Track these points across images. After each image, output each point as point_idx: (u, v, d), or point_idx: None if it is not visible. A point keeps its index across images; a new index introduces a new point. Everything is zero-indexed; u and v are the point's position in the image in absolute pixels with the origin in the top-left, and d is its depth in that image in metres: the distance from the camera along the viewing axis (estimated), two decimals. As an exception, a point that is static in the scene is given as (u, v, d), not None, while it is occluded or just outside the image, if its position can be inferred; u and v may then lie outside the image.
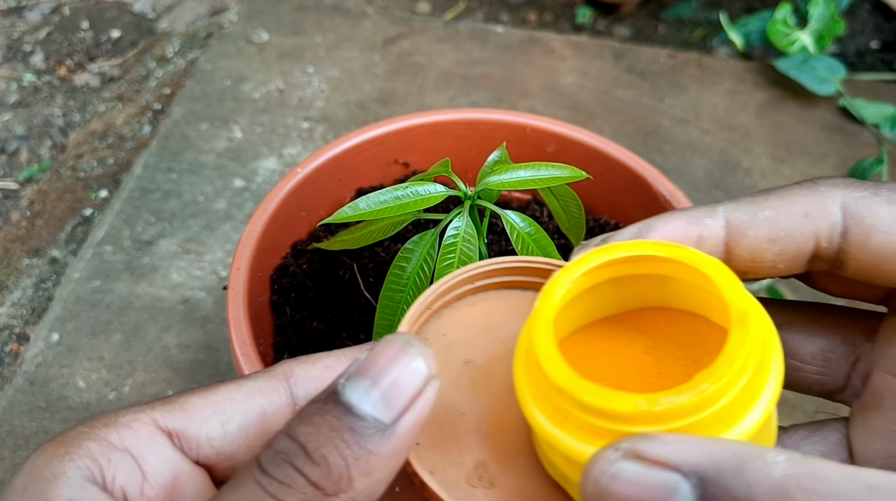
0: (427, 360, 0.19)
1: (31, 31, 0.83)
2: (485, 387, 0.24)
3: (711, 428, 0.17)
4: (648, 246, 0.21)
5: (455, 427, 0.23)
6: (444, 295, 0.25)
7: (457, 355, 0.25)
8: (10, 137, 0.72)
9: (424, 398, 0.18)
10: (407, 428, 0.18)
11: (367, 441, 0.18)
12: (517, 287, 0.26)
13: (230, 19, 0.83)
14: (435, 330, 0.25)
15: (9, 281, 0.60)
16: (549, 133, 0.46)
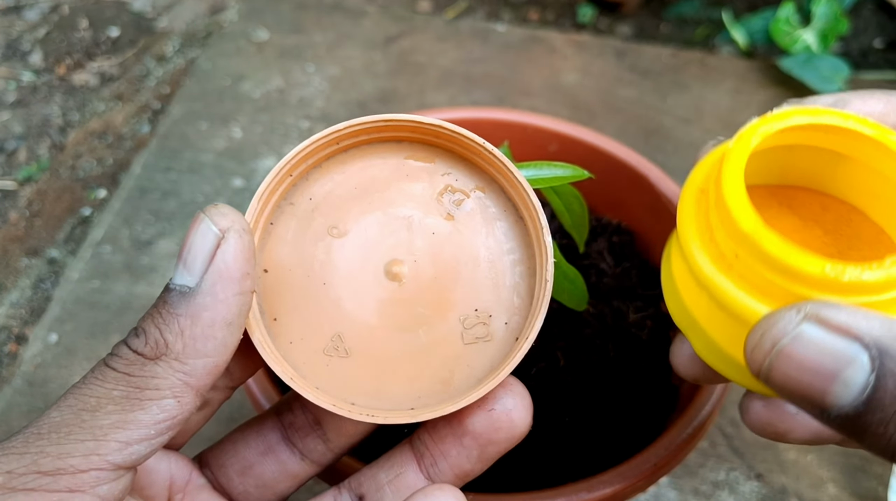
0: (215, 218, 0.20)
1: (29, 30, 0.83)
2: (348, 254, 0.24)
3: (890, 309, 0.17)
4: (854, 118, 0.19)
5: (317, 296, 0.24)
6: (309, 157, 0.25)
7: (322, 220, 0.25)
8: (8, 137, 0.71)
9: (221, 253, 0.20)
10: (210, 285, 0.20)
11: (174, 306, 0.20)
12: (384, 142, 0.26)
13: (230, 18, 0.82)
14: (301, 194, 0.25)
15: (7, 282, 0.59)
16: (550, 132, 0.46)
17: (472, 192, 0.25)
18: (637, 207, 0.45)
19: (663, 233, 0.44)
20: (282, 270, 0.24)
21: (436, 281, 0.24)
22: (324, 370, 0.23)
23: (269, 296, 0.24)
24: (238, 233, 0.20)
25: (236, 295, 0.20)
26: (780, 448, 0.48)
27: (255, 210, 0.24)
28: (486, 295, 0.24)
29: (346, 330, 0.23)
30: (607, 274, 0.43)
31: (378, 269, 0.24)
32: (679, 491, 0.46)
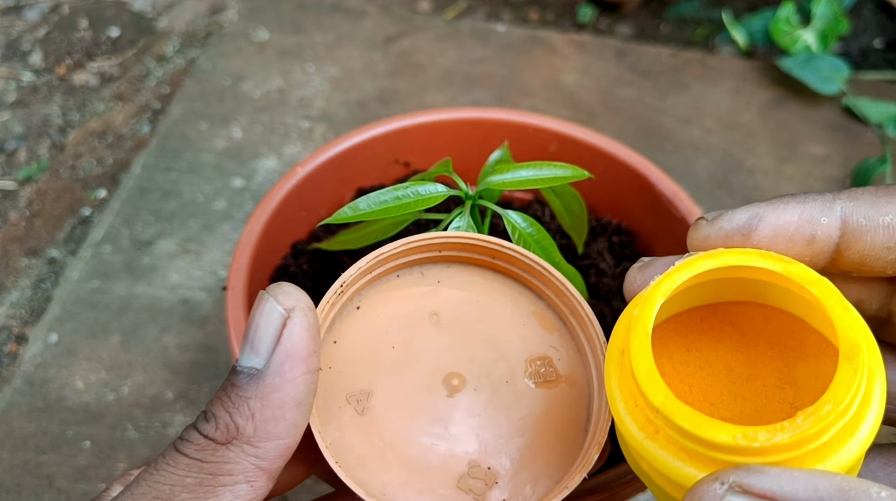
0: (280, 298, 0.20)
1: (29, 30, 0.83)
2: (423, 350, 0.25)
3: (807, 461, 0.17)
4: (758, 257, 0.20)
5: (380, 354, 0.24)
6: (416, 252, 0.26)
7: (424, 306, 0.26)
8: (8, 137, 0.71)
9: (288, 332, 0.20)
10: (277, 366, 0.20)
11: (243, 389, 0.20)
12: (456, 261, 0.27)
13: (230, 18, 0.82)
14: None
15: (7, 282, 0.59)
16: (550, 132, 0.46)
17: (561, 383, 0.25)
18: (637, 207, 0.45)
19: (663, 233, 0.44)
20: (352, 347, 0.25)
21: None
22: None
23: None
24: (303, 312, 0.20)
25: (304, 374, 0.20)
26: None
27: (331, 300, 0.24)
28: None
29: (380, 391, 0.24)
30: (607, 274, 0.43)
31: (439, 375, 0.24)
32: (679, 491, 0.46)
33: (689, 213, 0.42)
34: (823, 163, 0.67)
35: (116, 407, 0.50)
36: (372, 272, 0.25)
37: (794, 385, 0.21)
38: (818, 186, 0.65)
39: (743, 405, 0.20)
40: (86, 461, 0.47)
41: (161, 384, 0.51)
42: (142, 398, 0.50)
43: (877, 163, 0.64)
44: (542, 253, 0.32)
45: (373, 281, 0.26)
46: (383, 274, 0.26)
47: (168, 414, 0.49)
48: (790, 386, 0.21)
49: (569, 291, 0.26)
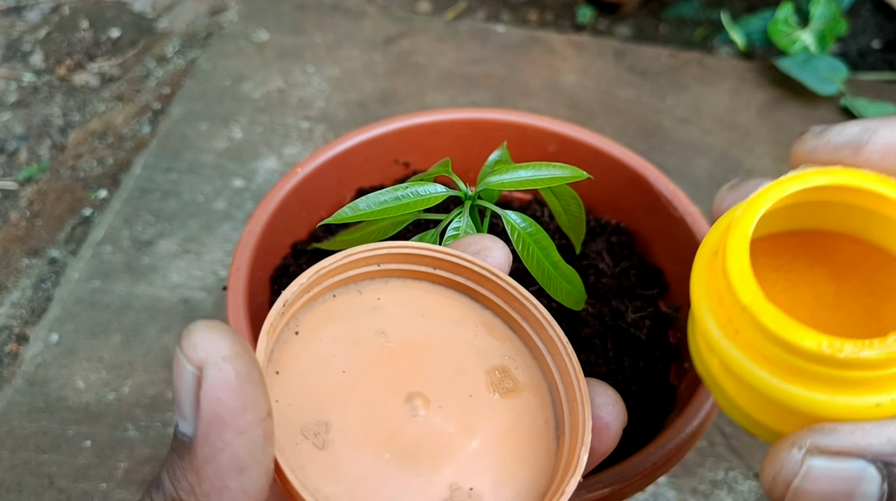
0: (188, 352, 0.17)
1: (30, 31, 0.83)
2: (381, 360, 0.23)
3: (887, 386, 0.17)
4: (875, 180, 0.19)
5: (330, 380, 0.22)
6: (351, 267, 0.24)
7: (373, 323, 0.24)
8: (9, 137, 0.71)
9: (204, 394, 0.17)
10: (203, 435, 0.17)
11: (180, 458, 0.18)
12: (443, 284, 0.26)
13: (230, 18, 0.83)
14: (363, 293, 0.25)
15: (8, 282, 0.59)
16: (550, 132, 0.46)
17: (523, 393, 0.24)
18: (636, 207, 0.45)
19: (662, 232, 0.44)
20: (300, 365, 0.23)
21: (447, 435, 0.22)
22: (294, 450, 0.21)
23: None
24: (216, 365, 0.17)
25: (238, 435, 0.17)
26: (779, 447, 0.49)
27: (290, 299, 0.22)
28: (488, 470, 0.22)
29: (339, 423, 0.21)
30: (606, 274, 0.43)
31: (399, 396, 0.23)
32: (678, 491, 0.47)
33: (688, 213, 0.42)
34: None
35: (117, 407, 0.50)
36: (310, 291, 0.23)
37: (882, 323, 0.21)
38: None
39: (824, 331, 0.19)
40: (86, 460, 0.47)
41: (161, 383, 0.51)
42: (142, 397, 0.50)
43: (875, 164, 0.64)
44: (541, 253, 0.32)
45: (308, 304, 0.24)
46: (319, 294, 0.24)
47: (168, 413, 0.49)
48: (877, 323, 0.21)
49: (521, 295, 0.24)
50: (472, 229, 0.32)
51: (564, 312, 0.41)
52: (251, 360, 0.18)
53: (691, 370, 0.39)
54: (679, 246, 0.42)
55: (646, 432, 0.38)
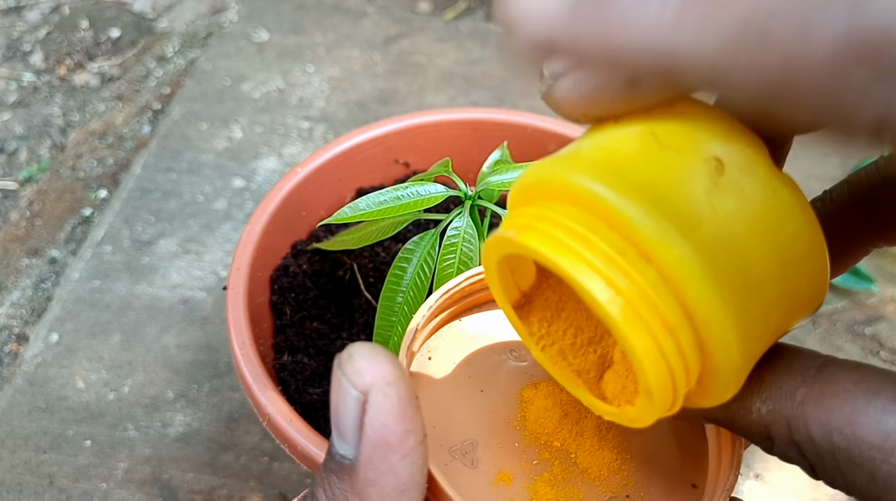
0: (353, 378, 0.17)
1: (30, 31, 0.83)
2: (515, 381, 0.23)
3: None
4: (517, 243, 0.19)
5: (470, 401, 0.23)
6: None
7: (499, 345, 0.24)
8: (9, 137, 0.72)
9: (370, 421, 0.17)
10: (367, 458, 0.17)
11: (340, 478, 0.18)
12: None
13: (230, 18, 0.83)
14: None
15: (8, 282, 0.60)
16: (550, 132, 0.46)
17: None
18: (636, 207, 0.45)
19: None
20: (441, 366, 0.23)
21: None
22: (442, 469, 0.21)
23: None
24: (382, 391, 0.17)
25: (400, 459, 0.18)
26: (778, 447, 0.49)
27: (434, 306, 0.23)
28: None
29: (487, 443, 0.22)
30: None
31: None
32: (677, 490, 0.47)
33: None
34: (822, 163, 0.67)
35: (117, 407, 0.50)
36: (437, 317, 0.24)
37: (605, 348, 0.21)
38: (816, 186, 0.65)
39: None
40: (86, 460, 0.47)
41: (161, 383, 0.51)
42: (142, 397, 0.50)
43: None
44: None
45: (437, 329, 0.24)
46: (445, 320, 0.25)
47: (168, 413, 0.49)
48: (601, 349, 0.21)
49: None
50: (473, 229, 0.32)
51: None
52: (410, 384, 0.18)
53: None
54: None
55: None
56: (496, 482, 0.21)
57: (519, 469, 0.21)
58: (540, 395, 0.22)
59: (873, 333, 0.55)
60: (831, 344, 0.54)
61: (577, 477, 0.21)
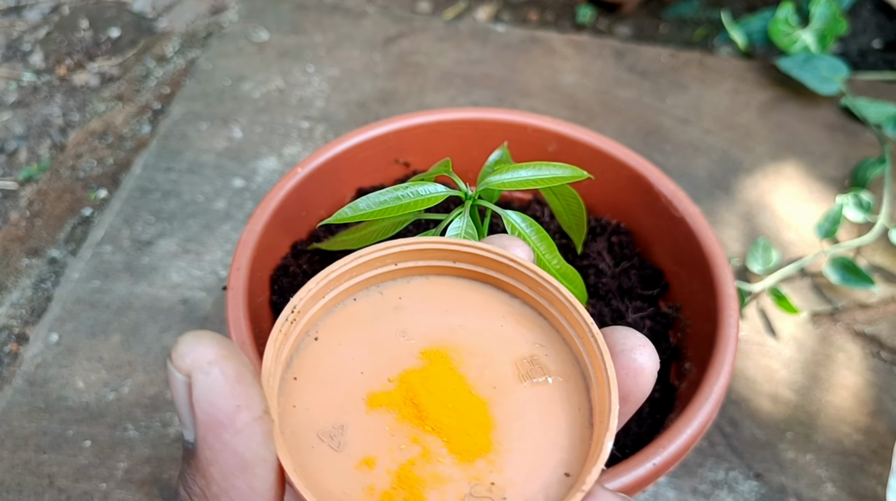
0: (176, 362, 0.18)
1: (30, 31, 0.83)
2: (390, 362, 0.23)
3: None
4: None
5: (348, 383, 0.22)
6: (376, 265, 0.24)
7: (389, 326, 0.24)
8: (9, 137, 0.71)
9: (195, 400, 0.18)
10: (202, 438, 0.18)
11: (188, 465, 0.18)
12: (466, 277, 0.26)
13: (230, 18, 0.83)
14: (383, 293, 0.25)
15: (8, 282, 0.59)
16: (550, 132, 0.46)
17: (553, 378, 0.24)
18: (636, 207, 0.45)
19: (662, 233, 0.44)
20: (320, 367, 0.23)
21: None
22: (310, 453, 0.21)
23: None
24: (203, 371, 0.18)
25: (235, 435, 0.18)
26: (779, 447, 0.49)
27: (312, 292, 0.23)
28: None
29: (356, 426, 0.22)
30: (606, 274, 0.43)
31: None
32: (678, 491, 0.47)
33: (688, 213, 0.42)
34: (822, 164, 0.67)
35: (117, 407, 0.50)
36: (325, 296, 0.23)
37: None
38: (817, 186, 0.65)
39: None
40: (86, 460, 0.47)
41: (161, 383, 0.51)
42: (142, 397, 0.50)
43: (875, 164, 0.64)
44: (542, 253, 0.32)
45: (328, 308, 0.24)
46: (338, 298, 0.24)
47: (168, 413, 0.49)
48: None
49: (544, 280, 0.24)
50: (473, 229, 0.32)
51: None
52: (241, 363, 0.18)
53: (692, 370, 0.39)
54: (679, 246, 0.42)
55: (645, 432, 0.38)
56: (359, 466, 0.21)
57: (385, 454, 0.21)
58: (419, 378, 0.22)
59: (874, 333, 0.55)
60: (832, 344, 0.54)
61: (444, 463, 0.21)
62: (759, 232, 0.61)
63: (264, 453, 0.18)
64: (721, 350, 0.36)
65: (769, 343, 0.54)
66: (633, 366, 0.22)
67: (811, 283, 0.58)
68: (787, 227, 0.62)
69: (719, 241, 0.41)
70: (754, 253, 0.57)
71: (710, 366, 0.35)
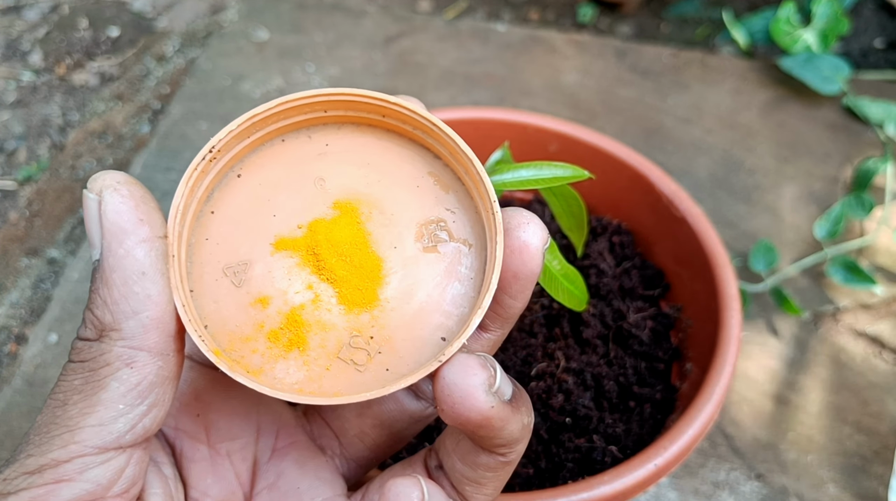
0: (90, 185, 0.20)
1: (29, 30, 0.83)
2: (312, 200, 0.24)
3: None
4: None
5: (260, 223, 0.23)
6: (303, 111, 0.25)
7: (314, 169, 0.24)
8: (8, 137, 0.71)
9: (103, 212, 0.20)
10: (107, 247, 0.20)
11: (92, 282, 0.20)
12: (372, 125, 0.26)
13: (230, 18, 0.82)
14: (310, 138, 0.25)
15: (7, 282, 0.59)
16: (551, 132, 0.46)
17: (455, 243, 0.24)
18: (637, 207, 0.45)
19: (663, 232, 0.44)
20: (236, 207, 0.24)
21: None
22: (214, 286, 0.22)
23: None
24: (112, 188, 0.20)
25: (138, 243, 0.20)
26: (781, 448, 0.48)
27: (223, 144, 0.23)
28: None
29: (261, 264, 0.23)
30: (607, 274, 0.43)
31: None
32: (679, 491, 0.46)
33: (690, 213, 0.42)
34: (824, 163, 0.67)
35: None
36: (251, 136, 0.24)
37: None
38: (818, 185, 0.65)
39: None
40: (85, 461, 0.47)
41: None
42: (141, 398, 0.50)
43: (877, 163, 0.64)
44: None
45: (254, 147, 0.24)
46: (265, 137, 0.24)
47: (168, 414, 0.49)
48: None
49: (460, 148, 0.24)
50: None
51: (566, 313, 0.41)
52: (145, 190, 0.21)
53: (694, 371, 0.39)
54: (681, 246, 0.42)
55: (647, 433, 0.38)
56: (254, 303, 0.22)
57: (279, 296, 0.22)
58: (325, 229, 0.23)
59: (876, 333, 0.55)
60: (833, 345, 0.54)
61: (331, 312, 0.22)
62: (760, 232, 0.61)
63: (159, 265, 0.20)
64: (723, 350, 0.36)
65: (771, 343, 0.54)
66: (518, 244, 0.22)
67: (813, 284, 0.58)
68: (788, 227, 0.62)
69: (721, 241, 0.41)
70: (756, 253, 0.57)
71: (711, 367, 0.35)
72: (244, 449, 0.25)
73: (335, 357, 0.22)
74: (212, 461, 0.25)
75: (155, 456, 0.23)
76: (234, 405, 0.25)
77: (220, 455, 0.25)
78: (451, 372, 0.20)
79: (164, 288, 0.20)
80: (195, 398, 0.25)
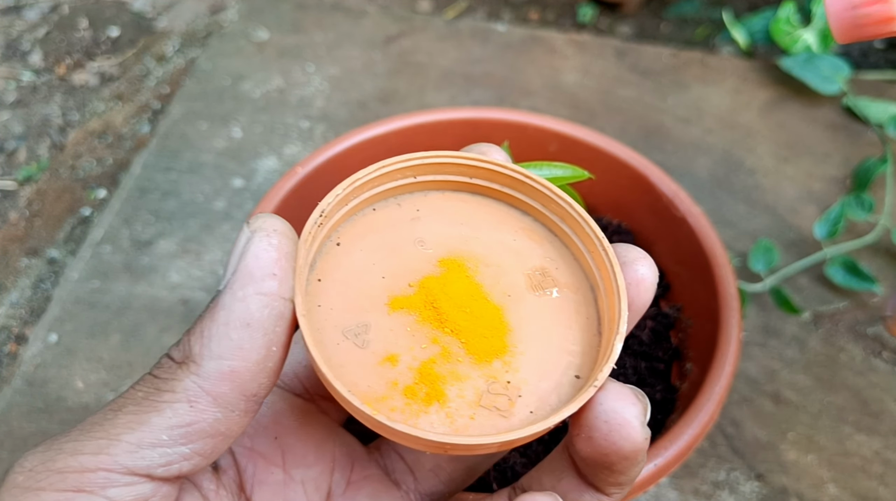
0: (252, 222, 0.20)
1: (29, 30, 0.83)
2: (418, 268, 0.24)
3: None
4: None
5: (370, 286, 0.23)
6: (406, 173, 0.25)
7: (407, 235, 0.25)
8: (8, 137, 0.71)
9: (246, 253, 0.20)
10: (230, 285, 0.19)
11: (203, 312, 0.20)
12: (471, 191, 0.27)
13: (230, 18, 0.82)
14: (408, 203, 0.26)
15: (7, 282, 0.59)
16: (550, 132, 0.46)
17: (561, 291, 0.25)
18: (637, 207, 0.45)
19: (663, 233, 0.44)
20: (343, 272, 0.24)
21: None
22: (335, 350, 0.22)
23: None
24: (266, 233, 0.20)
25: (256, 294, 0.19)
26: (781, 448, 0.48)
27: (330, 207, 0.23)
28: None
29: (379, 325, 0.23)
30: (607, 274, 0.43)
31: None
32: (679, 492, 0.46)
33: (690, 213, 0.42)
34: (824, 163, 0.67)
35: (116, 408, 0.50)
36: (348, 204, 0.24)
37: None
38: (818, 186, 0.65)
39: None
40: (85, 461, 0.47)
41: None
42: (142, 398, 0.50)
43: (877, 163, 0.64)
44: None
45: (349, 216, 0.25)
46: (359, 206, 0.25)
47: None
48: None
49: (557, 195, 0.25)
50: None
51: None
52: (293, 251, 0.21)
53: (693, 371, 0.39)
54: (681, 246, 0.42)
55: (648, 433, 0.38)
56: (382, 362, 0.22)
57: (406, 352, 0.22)
58: (438, 284, 0.23)
59: (875, 334, 0.55)
60: (833, 345, 0.54)
61: (462, 362, 0.22)
62: (760, 232, 0.61)
63: (269, 325, 0.20)
64: (723, 350, 0.36)
65: (771, 343, 0.54)
66: (636, 277, 0.23)
67: (813, 284, 0.58)
68: (788, 227, 0.62)
69: (721, 241, 0.41)
70: (756, 253, 0.57)
71: (711, 367, 0.35)
72: (319, 479, 0.25)
73: (477, 405, 0.21)
74: (284, 486, 0.24)
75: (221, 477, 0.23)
76: (311, 432, 0.25)
77: (294, 482, 0.24)
78: (610, 399, 0.20)
79: (259, 348, 0.20)
80: (275, 421, 0.25)
